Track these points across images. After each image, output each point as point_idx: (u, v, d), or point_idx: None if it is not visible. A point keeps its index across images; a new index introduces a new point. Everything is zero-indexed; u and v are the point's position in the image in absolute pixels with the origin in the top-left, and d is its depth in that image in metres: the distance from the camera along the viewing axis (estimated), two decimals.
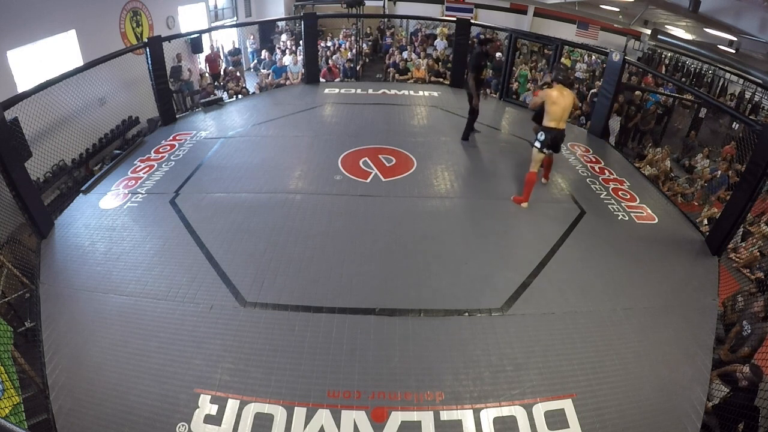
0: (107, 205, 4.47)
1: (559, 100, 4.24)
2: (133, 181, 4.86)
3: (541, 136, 4.33)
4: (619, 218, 4.54)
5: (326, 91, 7.83)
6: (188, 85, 8.60)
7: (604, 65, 6.75)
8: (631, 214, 4.61)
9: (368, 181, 4.91)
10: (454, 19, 8.93)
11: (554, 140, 4.39)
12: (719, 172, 6.59)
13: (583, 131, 6.85)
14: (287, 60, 9.79)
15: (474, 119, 5.98)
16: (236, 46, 10.61)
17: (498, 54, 9.99)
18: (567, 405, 2.70)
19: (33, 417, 2.67)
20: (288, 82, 9.03)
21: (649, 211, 4.71)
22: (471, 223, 4.31)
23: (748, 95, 9.87)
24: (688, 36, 9.98)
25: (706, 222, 5.36)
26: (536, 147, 4.37)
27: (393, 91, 7.81)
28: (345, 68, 9.90)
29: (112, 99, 7.16)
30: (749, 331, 3.75)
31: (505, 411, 2.66)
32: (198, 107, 7.23)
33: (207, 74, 9.14)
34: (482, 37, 6.96)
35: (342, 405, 2.65)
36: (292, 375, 2.81)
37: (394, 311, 3.29)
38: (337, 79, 9.18)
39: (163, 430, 2.50)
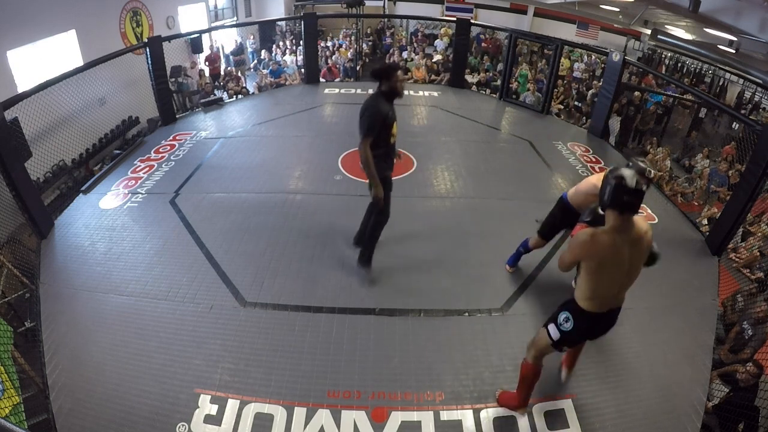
0: (107, 205, 4.46)
1: (618, 257, 2.05)
2: (133, 181, 4.85)
3: (567, 322, 2.23)
4: None
5: (326, 91, 7.83)
6: (183, 86, 8.58)
7: (604, 65, 6.75)
8: None
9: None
10: (454, 19, 8.93)
11: (590, 331, 2.33)
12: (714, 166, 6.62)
13: (583, 131, 6.86)
14: (286, 60, 9.81)
15: (378, 227, 3.38)
16: (239, 44, 10.59)
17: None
18: (567, 405, 2.69)
19: (33, 417, 2.66)
20: (287, 82, 9.03)
21: (649, 211, 4.70)
22: (471, 223, 4.30)
23: (748, 95, 9.86)
24: (688, 36, 9.98)
25: (706, 222, 5.35)
26: (550, 336, 2.31)
27: None
28: (345, 68, 9.91)
29: (112, 99, 7.17)
30: (751, 333, 3.75)
31: (505, 411, 2.65)
32: (198, 107, 7.23)
33: (206, 74, 9.13)
34: (379, 66, 3.36)
35: (342, 405, 2.65)
36: (292, 375, 2.81)
37: (394, 311, 3.28)
38: (337, 79, 9.18)
39: (163, 430, 2.50)
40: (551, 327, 2.31)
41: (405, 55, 10.82)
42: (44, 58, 6.56)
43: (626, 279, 2.16)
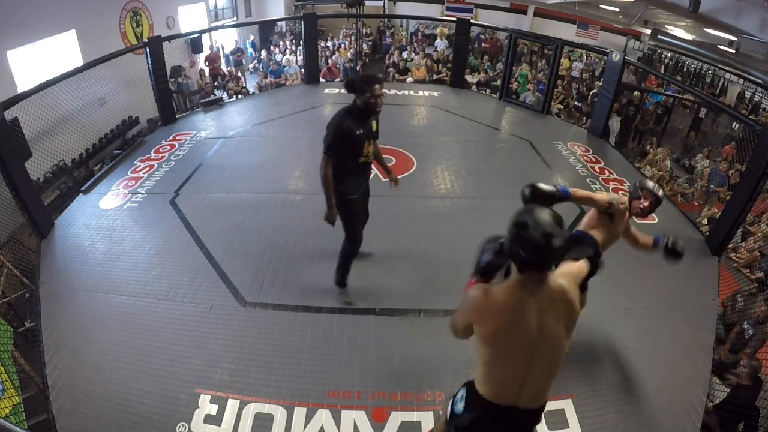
0: (107, 205, 4.46)
1: (520, 323, 1.48)
2: (133, 181, 4.85)
3: (461, 401, 1.72)
4: None
5: (326, 91, 7.83)
6: (183, 86, 8.58)
7: (604, 65, 6.75)
8: None
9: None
10: (454, 19, 8.93)
11: (485, 426, 1.66)
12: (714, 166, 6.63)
13: (583, 131, 6.86)
14: (290, 59, 9.81)
15: (347, 256, 3.17)
16: (238, 45, 10.60)
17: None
18: (567, 405, 2.69)
19: (33, 417, 2.67)
20: (289, 82, 9.03)
21: None
22: (471, 223, 4.30)
23: (748, 95, 9.86)
24: (688, 36, 9.98)
25: (706, 222, 5.35)
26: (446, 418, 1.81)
27: (393, 91, 7.80)
28: (345, 68, 9.90)
29: (112, 99, 7.17)
30: (751, 333, 3.74)
31: None
32: (198, 107, 7.23)
33: (206, 74, 9.13)
34: (353, 77, 3.05)
35: (342, 405, 2.65)
36: (292, 375, 2.81)
37: (394, 311, 3.28)
38: (337, 79, 9.18)
39: (163, 430, 2.49)
40: (450, 401, 1.77)
41: (405, 55, 10.82)
42: (44, 58, 6.55)
43: (538, 359, 1.49)
